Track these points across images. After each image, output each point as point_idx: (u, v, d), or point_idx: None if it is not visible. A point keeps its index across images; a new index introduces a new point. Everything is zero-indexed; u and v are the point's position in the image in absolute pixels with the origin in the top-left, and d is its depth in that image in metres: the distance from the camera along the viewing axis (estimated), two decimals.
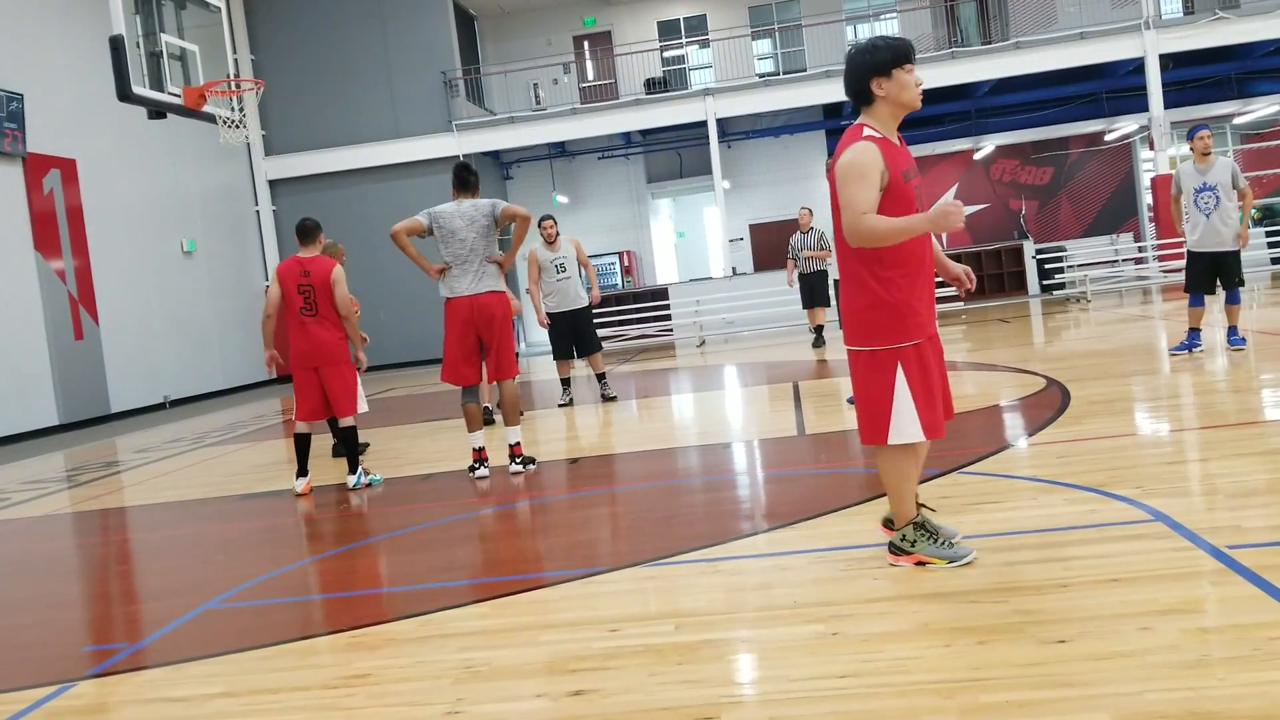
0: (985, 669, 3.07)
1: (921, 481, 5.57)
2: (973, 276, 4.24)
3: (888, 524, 4.34)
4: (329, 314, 7.52)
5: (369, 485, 7.66)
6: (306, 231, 7.66)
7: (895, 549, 4.18)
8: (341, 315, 7.55)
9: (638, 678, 3.32)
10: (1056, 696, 2.83)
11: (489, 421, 10.38)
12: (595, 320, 11.90)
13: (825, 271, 14.60)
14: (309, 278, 7.48)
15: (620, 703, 3.14)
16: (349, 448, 7.69)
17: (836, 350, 14.26)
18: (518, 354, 7.97)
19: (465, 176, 7.49)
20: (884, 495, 4.74)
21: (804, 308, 15.28)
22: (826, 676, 3.17)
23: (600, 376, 11.71)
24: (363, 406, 7.73)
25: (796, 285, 14.97)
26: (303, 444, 7.67)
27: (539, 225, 11.34)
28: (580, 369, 14.48)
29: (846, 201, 3.97)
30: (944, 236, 27.84)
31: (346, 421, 7.65)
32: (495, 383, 7.55)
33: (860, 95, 4.11)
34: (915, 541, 4.13)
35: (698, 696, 3.12)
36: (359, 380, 7.75)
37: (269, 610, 4.80)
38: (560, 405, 11.48)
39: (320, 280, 7.48)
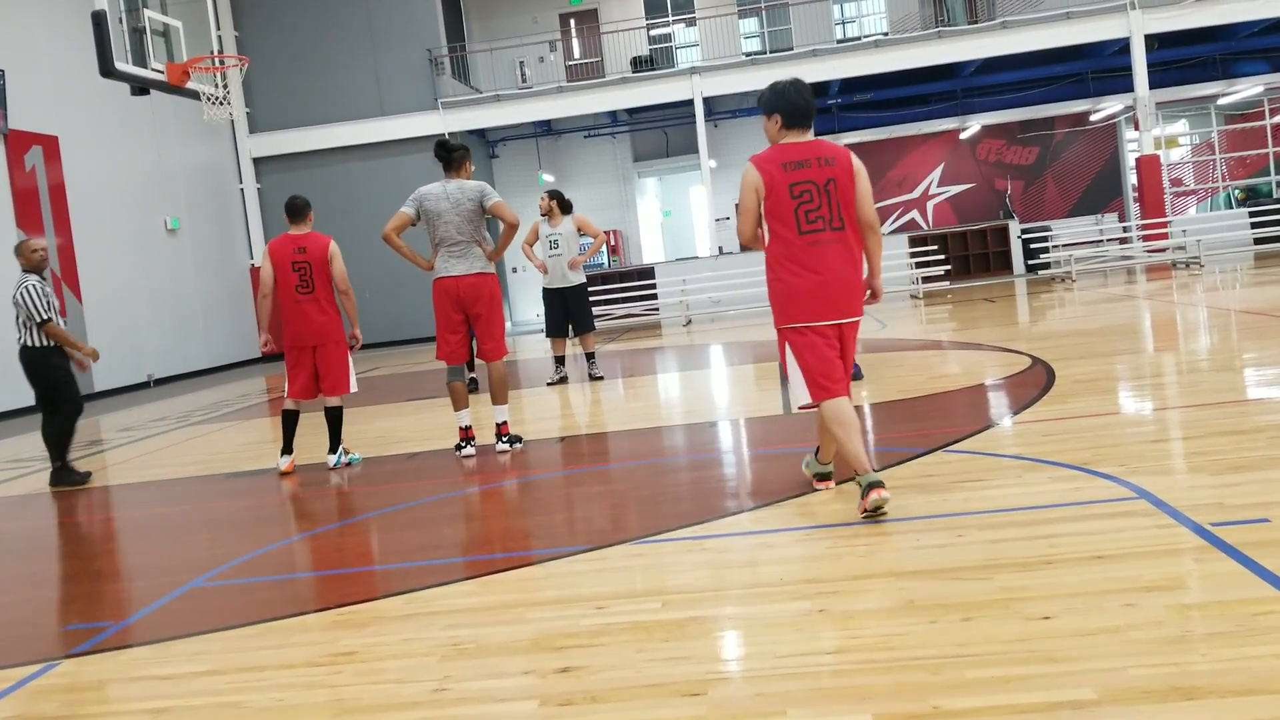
0: (970, 645, 3.08)
1: (908, 460, 5.62)
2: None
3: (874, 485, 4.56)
4: (325, 291, 7.43)
5: (349, 464, 7.64)
6: (297, 209, 7.56)
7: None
8: (341, 291, 7.48)
9: (625, 655, 3.33)
10: (1041, 672, 2.85)
11: (473, 390, 10.38)
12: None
13: None
14: (305, 254, 7.38)
15: (607, 679, 3.14)
16: (334, 426, 7.65)
17: None
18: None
19: (443, 155, 7.28)
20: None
21: None
22: (813, 653, 3.18)
23: (589, 356, 11.70)
24: (353, 386, 7.69)
25: None
26: (290, 421, 7.63)
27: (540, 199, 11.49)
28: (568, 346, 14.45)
29: (870, 198, 4.92)
30: (929, 217, 27.88)
31: (333, 401, 7.60)
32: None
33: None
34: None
35: (685, 673, 3.13)
36: (350, 359, 7.72)
37: (255, 588, 4.79)
38: (550, 384, 11.45)
39: (317, 256, 7.39)
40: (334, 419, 7.64)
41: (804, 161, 4.84)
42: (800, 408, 4.93)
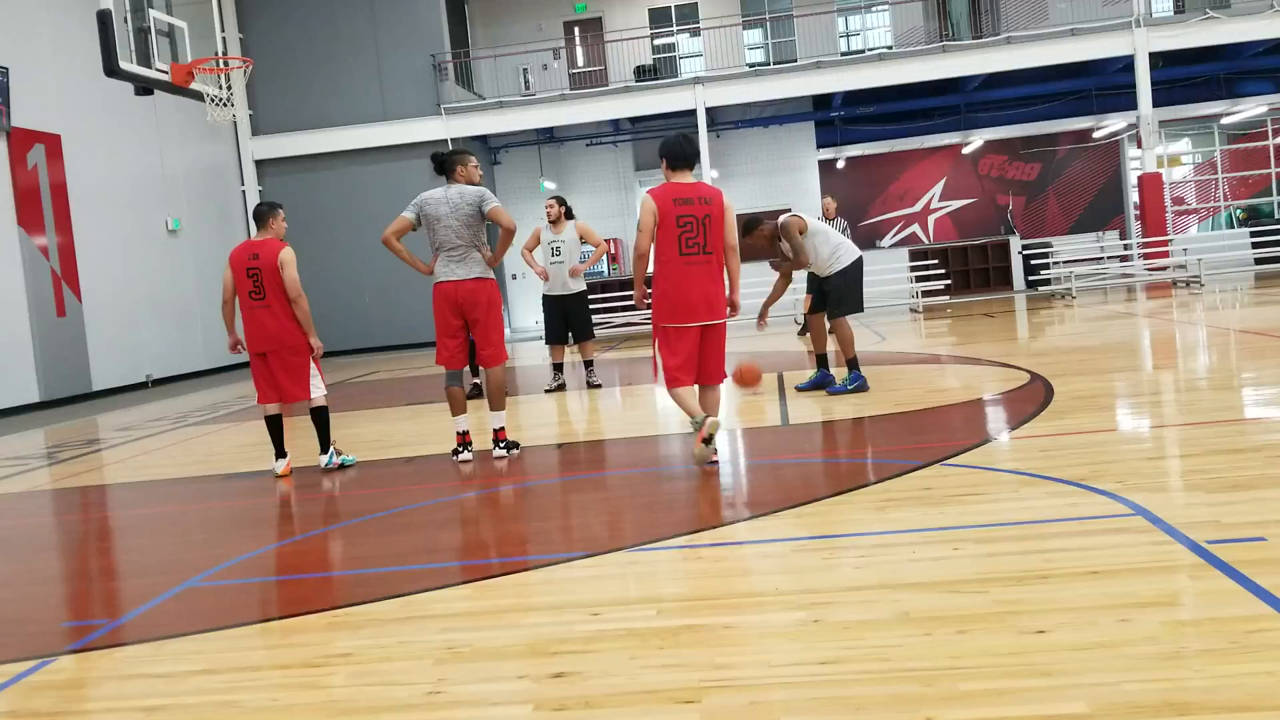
0: (965, 658, 3.09)
1: (905, 473, 5.63)
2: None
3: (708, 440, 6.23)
4: (277, 298, 7.36)
5: (341, 466, 7.63)
6: (260, 215, 7.56)
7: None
8: (291, 299, 7.39)
9: (619, 661, 3.33)
10: (1035, 685, 2.85)
11: (476, 395, 10.37)
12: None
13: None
14: (257, 261, 7.35)
15: (601, 685, 3.15)
16: (320, 427, 7.64)
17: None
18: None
19: (437, 165, 7.39)
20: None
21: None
22: (807, 663, 3.18)
23: (588, 363, 11.70)
24: (319, 392, 7.63)
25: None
26: (274, 426, 7.61)
27: (546, 202, 11.50)
28: (567, 354, 14.45)
29: (734, 229, 6.40)
30: (930, 231, 27.92)
31: (318, 401, 7.59)
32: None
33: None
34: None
35: (679, 680, 3.13)
36: (315, 365, 7.61)
37: (250, 589, 4.79)
38: (548, 390, 11.46)
39: (267, 263, 7.33)
40: (319, 420, 7.62)
41: (689, 199, 6.22)
42: (664, 388, 6.44)
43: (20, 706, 3.43)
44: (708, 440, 6.22)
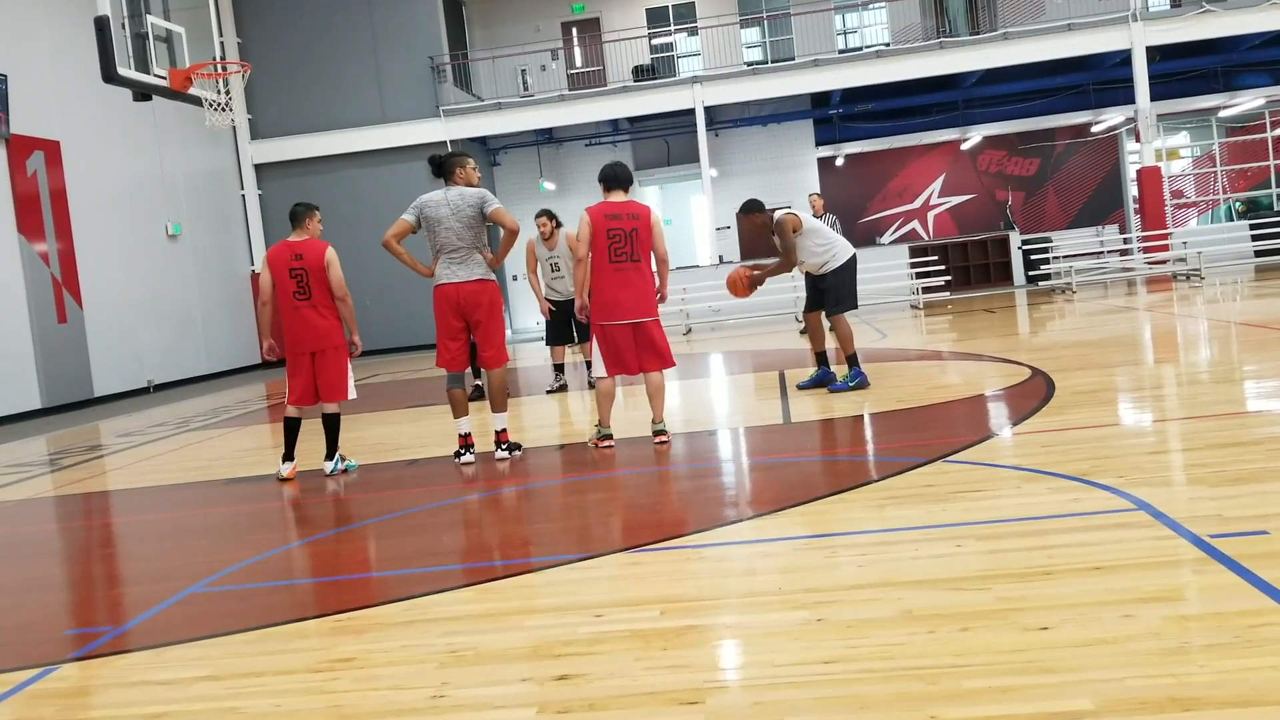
0: (968, 655, 3.09)
1: (907, 470, 5.62)
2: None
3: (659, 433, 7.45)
4: (323, 298, 7.40)
5: (345, 471, 7.63)
6: (297, 216, 7.57)
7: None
8: (337, 298, 7.44)
9: (623, 662, 3.33)
10: (1039, 682, 2.85)
11: (477, 397, 10.34)
12: None
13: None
14: (301, 261, 7.37)
15: (605, 687, 3.14)
16: (330, 433, 7.64)
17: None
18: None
19: (435, 167, 7.40)
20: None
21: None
22: (811, 662, 3.18)
23: (589, 364, 11.67)
24: (351, 393, 7.67)
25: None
26: (292, 428, 7.62)
27: (535, 219, 11.14)
28: (568, 354, 14.44)
29: (663, 239, 7.53)
30: (930, 228, 27.91)
31: (331, 407, 7.59)
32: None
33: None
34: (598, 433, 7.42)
35: (683, 681, 3.13)
36: (350, 365, 7.70)
37: (254, 594, 4.79)
38: (549, 391, 11.46)
39: (314, 263, 7.38)
40: (331, 426, 7.63)
41: (619, 215, 7.25)
42: (596, 378, 7.43)
43: (23, 715, 3.43)
44: (604, 438, 7.45)
